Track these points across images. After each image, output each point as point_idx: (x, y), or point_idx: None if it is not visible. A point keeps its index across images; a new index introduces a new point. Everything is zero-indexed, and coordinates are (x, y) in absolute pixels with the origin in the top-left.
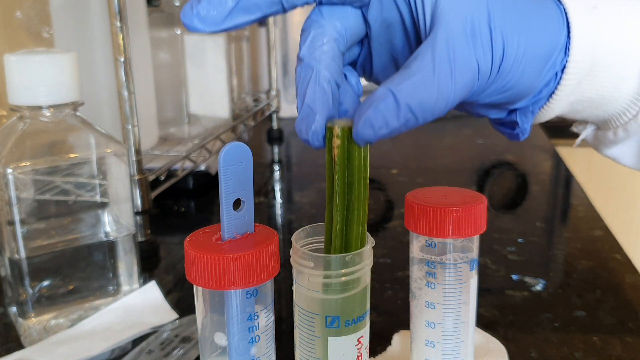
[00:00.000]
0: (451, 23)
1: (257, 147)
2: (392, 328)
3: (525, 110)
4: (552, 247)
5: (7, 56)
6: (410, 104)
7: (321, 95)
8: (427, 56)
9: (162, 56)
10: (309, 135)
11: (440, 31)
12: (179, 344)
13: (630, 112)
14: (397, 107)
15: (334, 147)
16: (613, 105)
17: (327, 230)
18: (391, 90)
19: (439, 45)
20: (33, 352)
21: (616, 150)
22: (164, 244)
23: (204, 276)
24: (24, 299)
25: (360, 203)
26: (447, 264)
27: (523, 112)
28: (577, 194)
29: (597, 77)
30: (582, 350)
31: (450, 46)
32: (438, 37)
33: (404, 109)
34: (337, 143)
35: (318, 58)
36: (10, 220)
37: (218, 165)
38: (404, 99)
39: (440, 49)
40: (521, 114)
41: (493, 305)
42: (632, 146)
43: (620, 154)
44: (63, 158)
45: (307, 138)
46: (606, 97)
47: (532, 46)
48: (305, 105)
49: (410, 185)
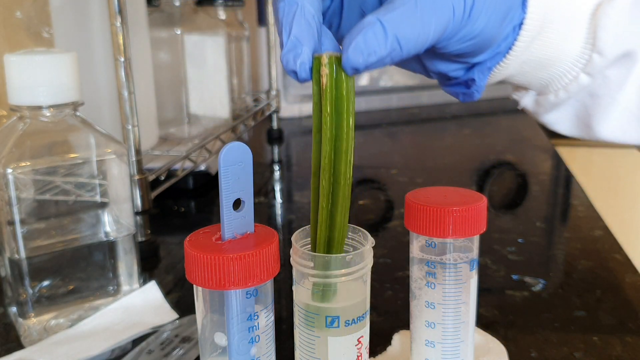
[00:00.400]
0: None
1: (257, 147)
2: (392, 328)
3: (483, 66)
4: (552, 247)
5: (7, 56)
6: (397, 34)
7: (307, 28)
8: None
9: (162, 56)
10: (296, 65)
11: None
12: (179, 344)
13: (571, 74)
14: (384, 35)
15: (322, 76)
16: (556, 67)
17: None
18: (379, 19)
19: None
20: (33, 352)
21: (554, 115)
22: (164, 244)
23: (204, 276)
24: (24, 299)
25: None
26: (447, 264)
27: (480, 68)
28: (577, 194)
29: (547, 36)
30: (582, 350)
31: None
32: None
33: (390, 37)
34: (326, 72)
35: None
36: (10, 220)
37: (218, 165)
38: (391, 29)
39: None
40: (479, 71)
41: (493, 305)
42: (569, 111)
43: (557, 119)
44: (63, 158)
45: (295, 69)
46: (551, 58)
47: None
48: (292, 37)
49: (410, 185)
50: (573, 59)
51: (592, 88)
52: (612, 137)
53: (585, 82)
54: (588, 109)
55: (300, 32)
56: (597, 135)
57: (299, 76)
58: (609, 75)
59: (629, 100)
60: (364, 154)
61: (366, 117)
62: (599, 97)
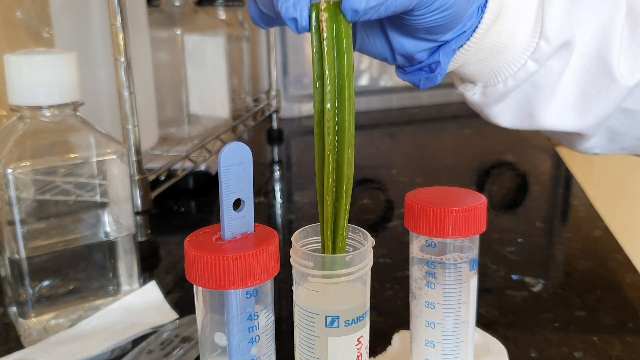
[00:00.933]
0: None
1: (257, 147)
2: (392, 328)
3: (448, 48)
4: (552, 247)
5: (7, 56)
6: None
7: None
8: None
9: (162, 56)
10: (296, 12)
11: None
12: (179, 344)
13: (519, 62)
14: None
15: (322, 21)
16: (507, 55)
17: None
18: None
19: None
20: (33, 352)
21: (499, 107)
22: (164, 244)
23: (204, 276)
24: (24, 299)
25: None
26: (447, 264)
27: (445, 50)
28: (577, 194)
29: (501, 23)
30: (582, 350)
31: None
32: None
33: None
34: (325, 16)
35: None
36: (10, 220)
37: (218, 165)
38: None
39: None
40: (443, 53)
41: (493, 305)
42: (513, 103)
43: (501, 111)
44: (63, 158)
45: (295, 16)
46: (503, 46)
47: None
48: None
49: (410, 185)
50: (522, 46)
51: (536, 77)
52: (552, 125)
53: (532, 69)
54: (530, 98)
55: None
56: (539, 124)
57: (298, 24)
58: (551, 66)
59: (567, 89)
60: (364, 154)
61: (366, 117)
62: (541, 87)
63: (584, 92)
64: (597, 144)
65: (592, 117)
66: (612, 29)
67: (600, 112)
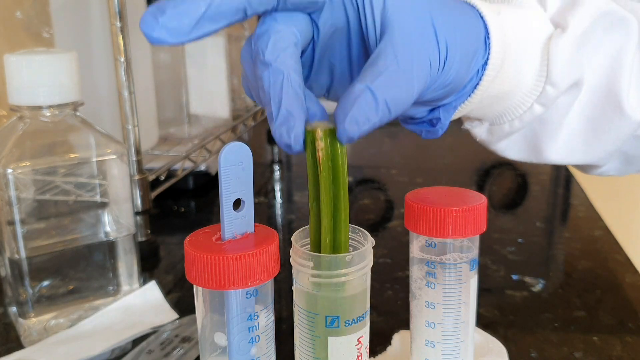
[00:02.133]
0: (403, 26)
1: (257, 147)
2: (392, 328)
3: (449, 106)
4: (552, 247)
5: (7, 56)
6: (386, 99)
7: (296, 99)
8: (390, 55)
9: (162, 56)
10: (291, 139)
11: (396, 33)
12: (179, 344)
13: (526, 105)
14: (375, 102)
15: (318, 150)
16: (512, 99)
17: (314, 230)
18: (368, 87)
19: (398, 45)
20: (33, 352)
21: (506, 143)
22: (164, 244)
23: (204, 276)
24: (24, 299)
25: (345, 201)
26: (447, 264)
27: (446, 108)
28: (577, 194)
29: (505, 71)
30: (582, 350)
31: (407, 45)
32: (395, 37)
33: (381, 104)
34: (321, 146)
35: (285, 62)
36: (10, 220)
37: (218, 165)
38: (381, 94)
39: (401, 48)
40: (444, 110)
41: (493, 305)
42: (519, 138)
43: (508, 146)
44: (63, 158)
45: (289, 142)
46: (508, 92)
47: (465, 44)
48: (283, 110)
49: (410, 185)
50: (527, 91)
51: (543, 115)
52: (560, 159)
53: (538, 112)
54: (537, 134)
55: (290, 104)
56: (546, 158)
57: (292, 149)
58: (558, 103)
59: (574, 124)
60: (364, 154)
61: None
62: (548, 123)
63: (593, 125)
64: (612, 168)
65: (602, 150)
66: (622, 60)
67: (609, 145)
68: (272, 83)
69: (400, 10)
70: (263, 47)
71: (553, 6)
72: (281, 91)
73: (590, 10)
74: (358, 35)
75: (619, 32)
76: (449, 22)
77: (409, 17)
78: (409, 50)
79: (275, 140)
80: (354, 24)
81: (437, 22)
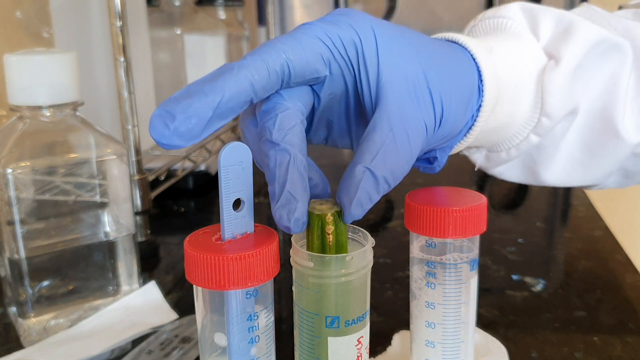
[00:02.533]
0: (397, 92)
1: None
2: (392, 328)
3: (445, 147)
4: (552, 247)
5: (7, 56)
6: (385, 176)
7: (300, 181)
8: (385, 129)
9: (162, 56)
10: (290, 222)
11: (390, 102)
12: (179, 344)
13: (522, 135)
14: (376, 182)
15: (329, 234)
16: (507, 131)
17: None
18: (367, 168)
19: (393, 115)
20: (33, 352)
21: (503, 168)
22: (164, 244)
23: (204, 276)
24: (24, 299)
25: None
26: (447, 264)
27: (442, 149)
28: (577, 194)
29: (500, 108)
30: (582, 350)
31: (402, 114)
32: (389, 107)
33: (381, 181)
34: (332, 230)
35: (291, 142)
36: (10, 220)
37: (218, 165)
38: (380, 173)
39: (395, 118)
40: (440, 151)
41: (493, 305)
42: (517, 163)
43: (505, 170)
44: (63, 158)
45: (289, 225)
46: (503, 125)
47: (459, 94)
48: (286, 192)
49: (410, 185)
50: (523, 122)
51: (540, 143)
52: (557, 182)
53: (535, 142)
54: (534, 158)
55: (293, 186)
56: (544, 182)
57: (291, 231)
58: (555, 130)
59: (571, 148)
60: None
61: None
62: (545, 149)
63: (589, 149)
64: (612, 182)
65: (598, 172)
66: (616, 86)
67: (606, 167)
68: (279, 164)
69: (393, 74)
70: (270, 126)
71: (546, 35)
72: (286, 173)
73: (584, 40)
74: (355, 98)
75: (612, 58)
76: (442, 76)
77: (402, 82)
78: (404, 119)
79: (275, 220)
80: (352, 90)
81: (430, 80)
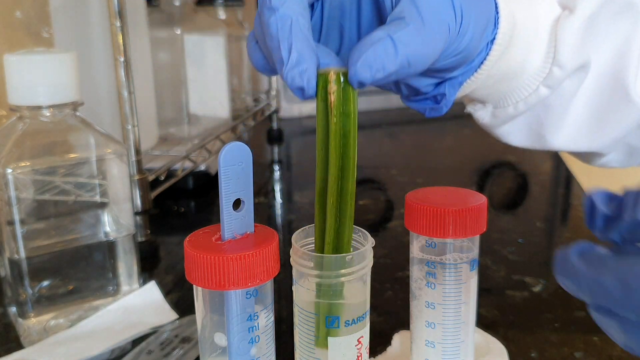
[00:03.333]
0: None
1: (257, 147)
2: (392, 328)
3: (455, 81)
4: (552, 247)
5: (7, 56)
6: (407, 52)
7: (307, 43)
8: (414, 12)
9: (162, 56)
10: (303, 81)
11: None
12: (179, 344)
13: (531, 87)
14: (395, 52)
15: (330, 94)
16: (518, 80)
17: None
18: (390, 36)
19: (421, 5)
20: (33, 352)
21: (508, 127)
22: (164, 244)
23: (204, 276)
24: (24, 299)
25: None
26: (447, 264)
27: (452, 83)
28: (577, 194)
29: (513, 51)
30: (583, 350)
31: (428, 6)
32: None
33: (401, 55)
34: (334, 89)
35: (292, 7)
36: (10, 220)
37: (218, 165)
38: (402, 46)
39: (424, 7)
40: (450, 85)
41: (493, 306)
42: (523, 123)
43: (511, 131)
44: (63, 158)
45: (302, 85)
46: (514, 71)
47: (477, 15)
48: (295, 53)
49: (410, 185)
50: (534, 72)
51: (548, 100)
52: (563, 146)
53: (544, 94)
54: (541, 119)
55: (301, 47)
56: (550, 145)
57: (305, 93)
58: (564, 87)
59: (579, 110)
60: (364, 154)
61: (366, 117)
62: (553, 108)
63: (598, 113)
64: (615, 159)
65: (607, 138)
66: (629, 48)
67: (615, 133)
68: (280, 27)
69: None
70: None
71: None
72: (290, 35)
73: None
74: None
75: (626, 18)
76: None
77: None
78: (431, 10)
79: (287, 84)
80: None
81: None
